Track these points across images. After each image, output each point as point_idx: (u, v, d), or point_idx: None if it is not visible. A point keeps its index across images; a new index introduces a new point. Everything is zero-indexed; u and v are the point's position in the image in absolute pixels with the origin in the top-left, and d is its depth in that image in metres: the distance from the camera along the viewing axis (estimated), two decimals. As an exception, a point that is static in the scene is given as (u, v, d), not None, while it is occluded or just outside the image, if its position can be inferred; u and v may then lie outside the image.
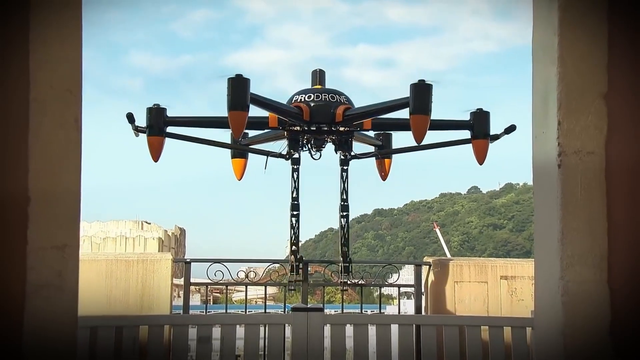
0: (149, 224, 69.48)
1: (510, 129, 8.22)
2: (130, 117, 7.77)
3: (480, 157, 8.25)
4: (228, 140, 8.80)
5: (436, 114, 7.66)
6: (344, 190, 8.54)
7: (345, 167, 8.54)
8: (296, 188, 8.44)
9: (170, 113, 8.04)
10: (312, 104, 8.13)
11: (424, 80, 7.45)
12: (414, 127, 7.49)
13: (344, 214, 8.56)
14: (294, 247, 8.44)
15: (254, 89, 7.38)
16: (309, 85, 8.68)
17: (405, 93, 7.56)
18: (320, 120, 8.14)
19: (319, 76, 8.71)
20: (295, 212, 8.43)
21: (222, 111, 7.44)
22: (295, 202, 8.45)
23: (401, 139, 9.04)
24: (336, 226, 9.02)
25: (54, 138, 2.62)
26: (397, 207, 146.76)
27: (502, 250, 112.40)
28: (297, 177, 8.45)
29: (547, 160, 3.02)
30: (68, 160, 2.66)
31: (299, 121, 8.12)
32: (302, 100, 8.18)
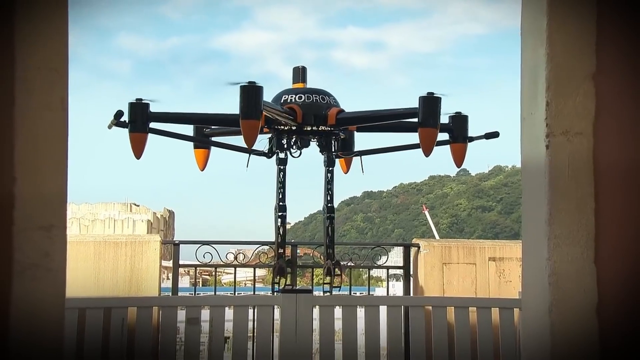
0: (138, 206, 69.25)
1: (492, 135, 8.17)
2: (119, 115, 7.47)
3: (459, 160, 8.23)
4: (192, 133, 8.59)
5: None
6: (329, 192, 8.39)
7: (330, 169, 8.38)
8: (282, 188, 8.28)
9: (156, 105, 7.72)
10: (303, 105, 8.00)
11: (433, 93, 7.42)
12: (423, 140, 7.44)
13: (329, 215, 8.43)
14: (280, 249, 8.28)
15: (244, 71, 7.27)
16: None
17: (395, 76, 7.58)
18: (311, 122, 8.02)
19: (301, 73, 8.55)
20: (281, 214, 8.10)
21: (209, 96, 7.29)
22: (282, 204, 8.27)
23: (373, 134, 8.94)
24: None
25: (40, 117, 2.59)
26: (386, 189, 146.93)
27: (491, 232, 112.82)
28: (284, 178, 8.22)
29: (536, 141, 3.02)
30: (55, 140, 2.63)
31: (293, 123, 7.99)
32: (293, 100, 8.05)
